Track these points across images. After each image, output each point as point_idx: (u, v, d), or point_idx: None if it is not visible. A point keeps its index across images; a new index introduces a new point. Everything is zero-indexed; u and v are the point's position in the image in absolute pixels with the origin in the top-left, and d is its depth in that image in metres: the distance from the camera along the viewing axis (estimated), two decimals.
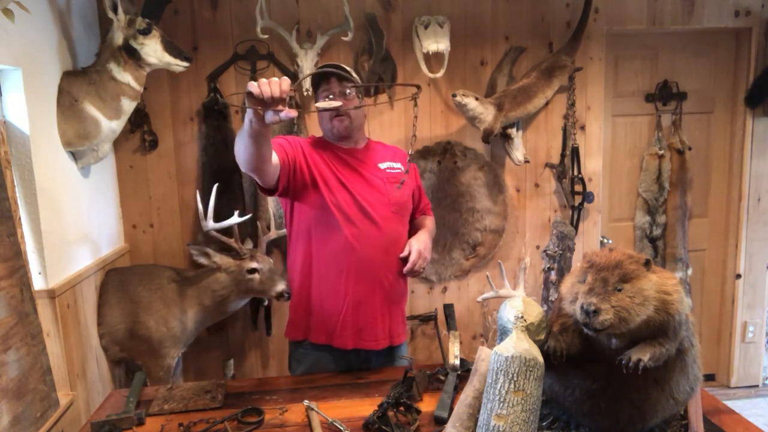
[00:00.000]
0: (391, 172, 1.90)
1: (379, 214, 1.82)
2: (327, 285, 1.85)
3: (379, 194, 1.84)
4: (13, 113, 1.95)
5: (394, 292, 1.89)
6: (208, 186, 2.65)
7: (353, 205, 1.80)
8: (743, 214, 3.28)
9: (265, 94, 1.32)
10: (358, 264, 1.81)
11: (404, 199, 1.91)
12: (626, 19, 3.01)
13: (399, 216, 1.89)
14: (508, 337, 1.25)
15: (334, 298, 1.84)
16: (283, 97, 1.34)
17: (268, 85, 1.32)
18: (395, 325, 1.93)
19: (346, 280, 1.82)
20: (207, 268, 2.53)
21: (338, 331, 1.84)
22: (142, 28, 2.19)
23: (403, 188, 1.88)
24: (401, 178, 1.86)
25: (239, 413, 1.56)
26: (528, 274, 3.02)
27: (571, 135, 3.04)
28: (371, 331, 1.85)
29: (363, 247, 1.80)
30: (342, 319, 1.83)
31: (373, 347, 1.87)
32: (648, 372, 1.18)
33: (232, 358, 2.99)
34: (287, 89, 1.34)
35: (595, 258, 1.23)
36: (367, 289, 1.83)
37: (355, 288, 1.82)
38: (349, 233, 1.79)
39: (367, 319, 1.84)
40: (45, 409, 1.89)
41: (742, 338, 3.39)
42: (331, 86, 1.83)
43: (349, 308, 1.83)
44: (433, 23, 2.73)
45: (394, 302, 1.91)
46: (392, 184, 1.87)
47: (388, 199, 1.85)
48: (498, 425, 1.17)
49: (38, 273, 2.04)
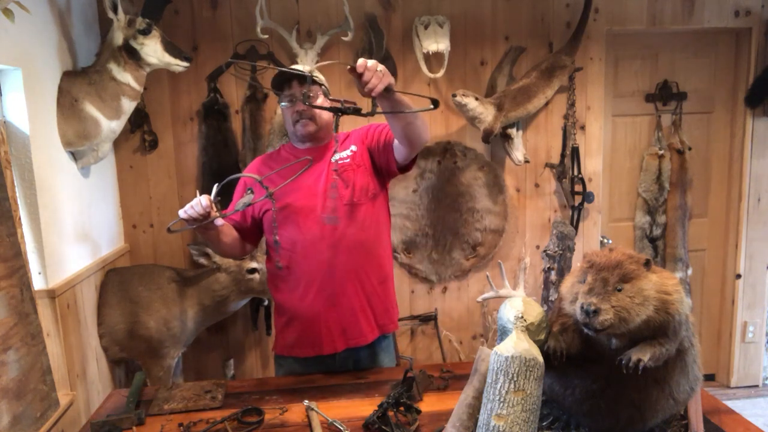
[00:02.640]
0: (342, 162, 1.82)
1: (329, 211, 1.77)
2: (297, 295, 1.82)
3: (325, 192, 1.78)
4: (13, 113, 1.95)
5: (367, 284, 1.84)
6: (208, 186, 2.64)
7: (295, 214, 1.79)
8: (743, 214, 3.28)
9: (192, 216, 1.58)
10: (317, 267, 1.78)
11: (359, 184, 1.81)
12: (626, 19, 3.01)
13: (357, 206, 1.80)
14: (508, 337, 1.25)
15: (309, 306, 1.81)
16: (207, 212, 1.58)
17: (191, 209, 1.57)
18: (381, 314, 1.89)
19: (313, 286, 1.79)
20: (207, 268, 2.53)
21: (324, 337, 1.82)
22: (142, 28, 2.19)
23: (355, 175, 1.81)
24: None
25: (239, 413, 1.56)
26: (528, 274, 3.02)
27: (571, 135, 3.04)
28: (356, 328, 1.83)
29: (318, 250, 1.77)
30: (324, 325, 1.81)
31: (362, 343, 1.85)
32: (648, 372, 1.18)
33: (232, 358, 2.99)
34: (207, 204, 1.58)
35: (595, 258, 1.23)
36: (336, 289, 1.79)
37: (324, 292, 1.79)
38: (302, 240, 1.78)
39: (349, 318, 1.82)
40: (45, 409, 1.89)
41: (742, 338, 3.39)
42: (292, 89, 1.80)
43: (327, 313, 1.80)
44: (433, 23, 2.73)
45: (376, 293, 1.86)
46: (343, 176, 1.79)
47: (338, 194, 1.78)
48: (498, 425, 1.17)
49: (38, 273, 2.04)
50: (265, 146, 2.78)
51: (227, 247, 1.86)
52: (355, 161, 1.84)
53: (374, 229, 1.86)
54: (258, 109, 2.81)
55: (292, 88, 1.80)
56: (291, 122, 1.84)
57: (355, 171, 1.83)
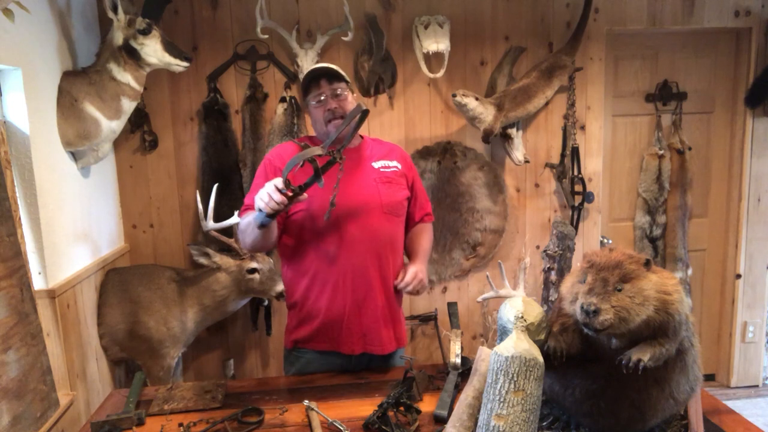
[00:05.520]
0: (385, 171, 1.85)
1: (370, 215, 1.78)
2: (325, 292, 1.80)
3: (370, 195, 1.79)
4: (13, 113, 1.95)
5: (394, 294, 1.85)
6: (208, 186, 2.65)
7: (341, 209, 1.74)
8: (743, 214, 3.28)
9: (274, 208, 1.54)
10: (353, 267, 1.77)
11: (397, 199, 1.85)
12: (626, 19, 3.01)
13: (392, 216, 1.83)
14: (508, 337, 1.25)
15: (335, 305, 1.79)
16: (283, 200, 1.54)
17: (271, 201, 1.53)
18: (399, 327, 1.90)
19: (343, 285, 1.78)
20: (207, 268, 2.53)
21: (344, 337, 1.81)
22: (142, 28, 2.19)
23: (396, 189, 1.83)
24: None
25: (239, 413, 1.56)
26: (528, 274, 3.02)
27: (571, 135, 3.04)
28: (376, 336, 1.82)
29: (355, 251, 1.76)
30: (346, 325, 1.80)
31: (378, 352, 1.84)
32: (648, 372, 1.18)
33: (232, 358, 2.99)
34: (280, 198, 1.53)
35: (595, 258, 1.23)
36: (366, 292, 1.79)
37: (353, 292, 1.78)
38: (340, 237, 1.76)
39: (371, 324, 1.81)
40: (45, 409, 1.89)
41: (742, 338, 3.39)
42: (321, 88, 1.78)
43: (351, 314, 1.79)
44: (433, 23, 2.73)
45: (395, 305, 1.88)
46: (385, 184, 1.82)
47: (380, 200, 1.80)
48: (498, 425, 1.17)
49: (38, 273, 2.04)
50: (265, 146, 2.78)
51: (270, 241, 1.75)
52: (397, 176, 1.86)
53: (401, 242, 1.89)
54: (258, 109, 2.81)
55: (321, 87, 1.78)
56: (323, 122, 1.80)
57: (398, 184, 1.86)
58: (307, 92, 1.84)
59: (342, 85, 1.79)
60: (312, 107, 1.82)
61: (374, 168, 1.84)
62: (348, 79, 1.84)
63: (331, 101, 1.77)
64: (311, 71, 1.80)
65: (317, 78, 1.79)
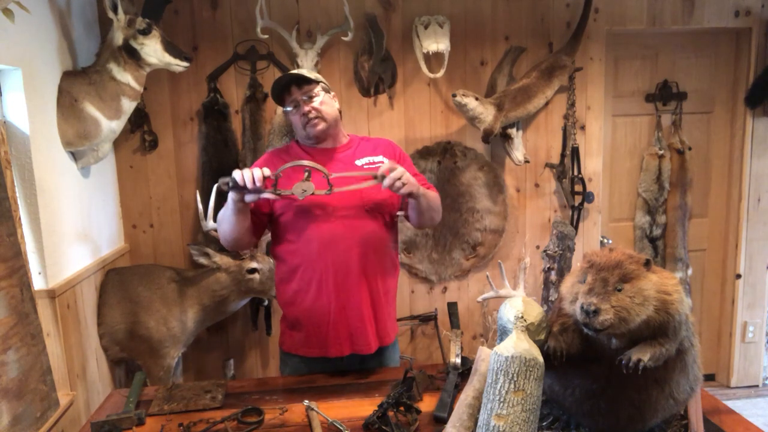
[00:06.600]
0: (370, 167, 1.83)
1: (351, 213, 1.77)
2: (310, 292, 1.81)
3: (351, 193, 1.75)
4: (13, 113, 1.95)
5: (378, 292, 1.85)
6: (208, 186, 2.65)
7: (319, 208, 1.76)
8: (743, 214, 3.28)
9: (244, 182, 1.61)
10: (335, 266, 1.77)
11: (381, 196, 1.80)
12: (626, 19, 3.01)
13: (375, 213, 1.82)
14: (508, 337, 1.25)
15: (319, 305, 1.80)
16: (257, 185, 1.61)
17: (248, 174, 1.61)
18: (383, 326, 1.88)
19: (326, 284, 1.78)
20: (207, 268, 2.53)
21: (331, 340, 1.81)
22: (142, 28, 2.19)
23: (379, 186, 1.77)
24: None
25: (239, 413, 1.56)
26: (528, 274, 3.02)
27: (571, 135, 3.04)
28: (362, 335, 1.82)
29: (338, 249, 1.76)
30: (333, 326, 1.80)
31: (366, 351, 1.84)
32: (648, 372, 1.18)
33: (232, 358, 2.99)
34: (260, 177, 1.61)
35: (595, 258, 1.23)
36: (349, 291, 1.79)
37: (336, 292, 1.78)
38: (321, 237, 1.76)
39: (356, 323, 1.81)
40: (45, 409, 1.89)
41: (742, 338, 3.39)
42: (293, 95, 1.79)
43: (337, 313, 1.79)
44: (433, 23, 2.73)
45: (381, 303, 1.86)
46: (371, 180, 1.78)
47: (361, 198, 1.78)
48: (498, 425, 1.17)
49: (38, 273, 2.04)
50: (265, 146, 2.78)
51: (243, 232, 1.77)
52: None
53: (387, 240, 1.88)
54: (258, 109, 2.81)
55: (292, 94, 1.80)
56: (301, 126, 1.82)
57: None
58: (281, 103, 1.86)
59: (312, 87, 1.79)
60: (290, 115, 1.85)
61: (357, 166, 1.84)
62: (320, 79, 1.84)
63: (305, 105, 1.78)
64: (277, 81, 1.80)
65: (287, 86, 1.80)
